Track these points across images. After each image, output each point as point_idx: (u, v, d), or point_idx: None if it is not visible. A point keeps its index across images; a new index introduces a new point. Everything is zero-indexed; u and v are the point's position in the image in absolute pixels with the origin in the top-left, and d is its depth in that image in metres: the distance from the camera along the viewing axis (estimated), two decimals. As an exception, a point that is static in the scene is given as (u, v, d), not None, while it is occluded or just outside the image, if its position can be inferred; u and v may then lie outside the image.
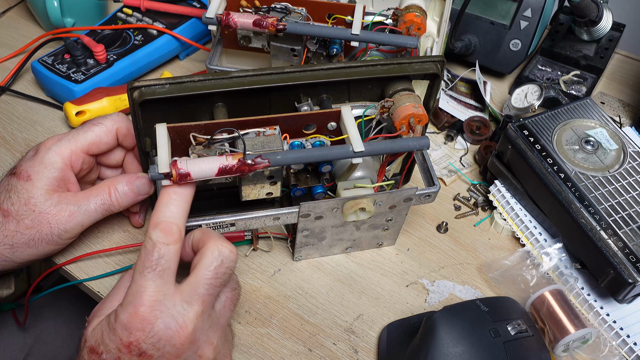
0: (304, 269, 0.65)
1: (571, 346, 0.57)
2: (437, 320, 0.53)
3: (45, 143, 0.58)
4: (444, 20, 0.73)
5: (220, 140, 0.51)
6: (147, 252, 0.46)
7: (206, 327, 0.49)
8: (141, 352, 0.45)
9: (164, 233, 0.47)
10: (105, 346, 0.46)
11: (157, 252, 0.46)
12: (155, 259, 0.46)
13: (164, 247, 0.46)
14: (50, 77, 0.77)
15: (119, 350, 0.45)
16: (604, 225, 0.60)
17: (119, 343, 0.45)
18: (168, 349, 0.46)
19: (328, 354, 0.59)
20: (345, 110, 0.54)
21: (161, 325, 0.46)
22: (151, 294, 0.46)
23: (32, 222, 0.56)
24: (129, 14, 0.85)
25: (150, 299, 0.45)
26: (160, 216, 0.48)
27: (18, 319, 0.77)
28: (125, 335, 0.45)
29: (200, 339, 0.48)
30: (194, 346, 0.48)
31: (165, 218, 0.48)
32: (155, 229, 0.47)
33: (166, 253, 0.47)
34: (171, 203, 0.48)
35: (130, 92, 0.50)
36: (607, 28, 0.84)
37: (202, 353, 0.49)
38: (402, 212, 0.61)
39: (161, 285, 0.46)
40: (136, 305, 0.45)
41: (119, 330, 0.45)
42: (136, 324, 0.45)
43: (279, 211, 0.55)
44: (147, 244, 0.47)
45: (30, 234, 0.56)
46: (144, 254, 0.46)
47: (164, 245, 0.47)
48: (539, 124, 0.67)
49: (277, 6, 0.66)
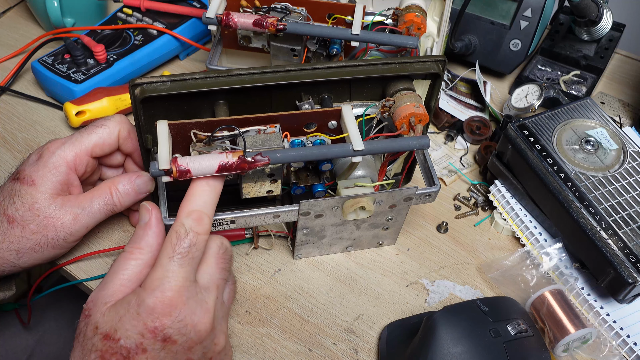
0: (304, 268, 0.65)
1: (571, 346, 0.57)
2: (437, 320, 0.53)
3: (49, 147, 0.58)
4: (444, 20, 0.73)
5: (221, 137, 0.51)
6: (180, 238, 0.47)
7: (220, 315, 0.49)
8: (166, 338, 0.45)
9: (197, 222, 0.48)
10: (124, 331, 0.45)
11: (190, 240, 0.47)
12: (187, 246, 0.46)
13: (196, 236, 0.47)
14: (50, 77, 0.77)
15: (141, 336, 0.45)
16: (604, 225, 0.60)
17: (143, 328, 0.45)
18: (192, 336, 0.46)
19: (328, 354, 0.59)
20: (346, 109, 0.54)
21: (187, 311, 0.46)
22: (180, 279, 0.46)
23: (38, 227, 0.56)
24: (129, 14, 0.85)
25: (178, 284, 0.45)
26: (193, 204, 0.48)
27: (22, 319, 0.77)
28: (151, 320, 0.45)
29: (217, 327, 0.49)
30: (212, 334, 0.48)
31: (198, 207, 0.48)
32: (189, 217, 0.48)
33: (198, 242, 0.47)
34: (204, 193, 0.49)
35: (132, 89, 0.50)
36: (607, 28, 0.84)
37: (218, 341, 0.49)
38: (403, 212, 0.61)
39: (189, 272, 0.47)
40: (164, 290, 0.45)
41: (143, 314, 0.45)
42: (163, 309, 0.45)
43: (279, 209, 0.55)
44: (180, 230, 0.47)
45: (36, 239, 0.56)
46: (176, 240, 0.47)
47: (196, 234, 0.47)
48: (539, 124, 0.67)
49: (277, 6, 0.66)
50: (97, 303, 0.47)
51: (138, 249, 0.50)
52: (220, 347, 0.50)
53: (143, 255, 0.49)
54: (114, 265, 0.50)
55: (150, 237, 0.50)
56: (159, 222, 0.51)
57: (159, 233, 0.50)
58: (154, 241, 0.50)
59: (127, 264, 0.49)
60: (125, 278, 0.48)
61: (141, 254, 0.49)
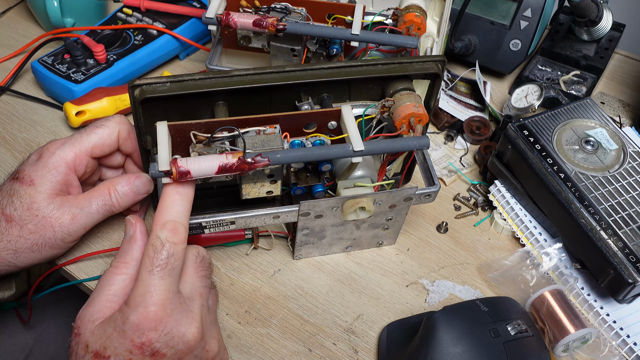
0: (304, 268, 0.65)
1: (571, 346, 0.57)
2: (437, 320, 0.53)
3: (49, 147, 0.58)
4: (444, 20, 0.73)
5: (221, 138, 0.51)
6: (156, 250, 0.46)
7: (208, 321, 0.49)
8: (154, 352, 0.45)
9: (172, 233, 0.47)
10: (113, 349, 0.45)
11: (167, 251, 0.46)
12: (165, 258, 0.46)
13: (172, 246, 0.47)
14: (50, 77, 0.77)
15: (130, 353, 0.45)
16: (604, 225, 0.60)
17: (131, 345, 0.45)
18: (181, 347, 0.46)
19: (328, 354, 0.59)
20: (345, 109, 0.54)
21: (173, 323, 0.46)
22: (162, 292, 0.46)
23: (36, 227, 0.56)
24: (129, 14, 0.85)
25: (161, 298, 0.45)
26: (166, 216, 0.48)
27: (22, 318, 0.77)
28: (137, 336, 0.45)
29: (206, 334, 0.49)
30: (202, 342, 0.48)
31: (172, 217, 0.48)
32: (163, 228, 0.47)
33: (175, 252, 0.47)
34: (175, 203, 0.49)
35: (132, 90, 0.50)
36: (607, 28, 0.84)
37: (209, 348, 0.49)
38: (402, 212, 0.61)
39: (171, 283, 0.46)
40: (147, 305, 0.45)
41: (129, 332, 0.45)
42: (148, 324, 0.45)
43: (279, 210, 0.55)
44: (156, 243, 0.47)
45: (34, 239, 0.56)
46: (153, 253, 0.46)
47: (173, 245, 0.47)
48: (539, 124, 0.67)
49: (277, 6, 0.66)
50: (85, 321, 0.48)
51: (124, 264, 0.50)
52: (213, 352, 0.50)
53: (129, 269, 0.49)
54: (100, 281, 0.50)
55: (135, 251, 0.50)
56: (144, 236, 0.51)
57: (144, 246, 0.49)
58: (139, 255, 0.50)
59: (114, 279, 0.49)
60: (112, 293, 0.48)
61: (127, 269, 0.49)
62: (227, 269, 0.64)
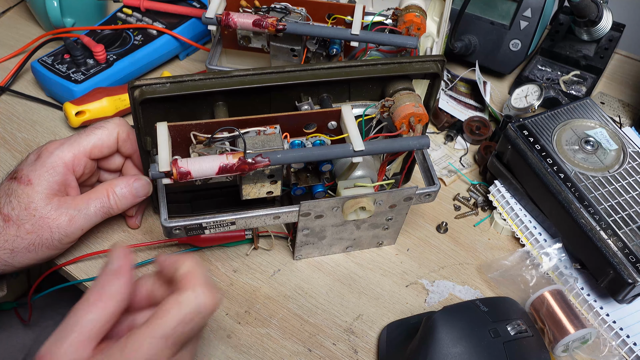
0: (304, 269, 0.65)
1: (571, 346, 0.57)
2: (437, 320, 0.53)
3: (48, 147, 0.58)
4: (443, 20, 0.73)
5: (221, 139, 0.51)
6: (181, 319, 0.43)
7: None
8: None
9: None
10: None
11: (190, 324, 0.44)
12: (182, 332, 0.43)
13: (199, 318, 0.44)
14: (50, 77, 0.77)
15: None
16: (604, 225, 0.60)
17: None
18: None
19: (328, 354, 0.59)
20: (345, 109, 0.54)
21: None
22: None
23: (33, 227, 0.56)
24: (128, 14, 0.85)
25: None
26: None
27: (21, 318, 0.77)
28: None
29: None
30: None
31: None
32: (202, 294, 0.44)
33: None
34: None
35: (131, 90, 0.50)
36: (607, 28, 0.84)
37: None
38: (402, 212, 0.61)
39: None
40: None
41: None
42: None
43: (279, 210, 0.55)
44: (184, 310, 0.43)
45: (31, 239, 0.56)
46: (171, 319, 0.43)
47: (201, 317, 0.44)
48: (538, 124, 0.67)
49: (277, 6, 0.66)
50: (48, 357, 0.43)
51: (101, 299, 0.44)
52: None
53: (107, 306, 0.44)
54: (72, 314, 0.44)
55: (116, 286, 0.45)
56: (129, 272, 0.45)
57: (128, 283, 0.45)
58: (121, 290, 0.45)
59: (87, 316, 0.43)
60: (85, 334, 0.43)
61: (104, 305, 0.44)
62: (227, 269, 0.64)
